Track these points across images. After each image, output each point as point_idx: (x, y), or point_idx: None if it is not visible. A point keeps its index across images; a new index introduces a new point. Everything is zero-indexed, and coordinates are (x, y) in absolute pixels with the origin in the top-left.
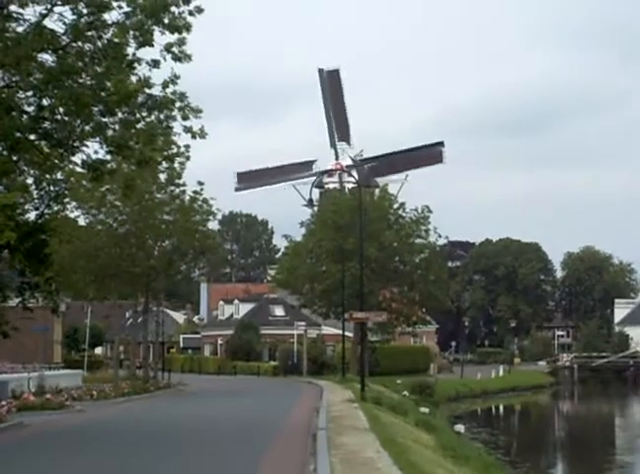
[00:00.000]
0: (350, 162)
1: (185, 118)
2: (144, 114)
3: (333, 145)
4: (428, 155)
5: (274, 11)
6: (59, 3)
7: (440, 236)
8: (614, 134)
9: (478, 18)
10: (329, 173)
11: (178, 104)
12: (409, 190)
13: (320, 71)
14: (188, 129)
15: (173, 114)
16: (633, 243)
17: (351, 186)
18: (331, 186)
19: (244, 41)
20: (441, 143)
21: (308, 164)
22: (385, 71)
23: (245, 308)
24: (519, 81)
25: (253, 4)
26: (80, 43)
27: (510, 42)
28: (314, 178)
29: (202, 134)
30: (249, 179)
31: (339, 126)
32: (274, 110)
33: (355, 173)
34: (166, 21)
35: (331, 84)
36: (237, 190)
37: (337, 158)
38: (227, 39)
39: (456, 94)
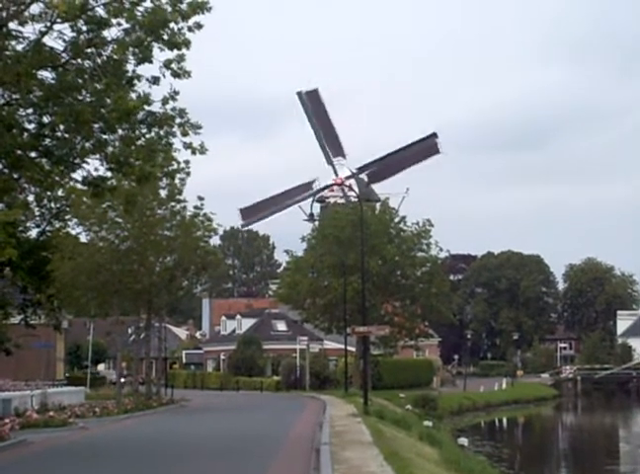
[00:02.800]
0: (349, 173)
1: (185, 134)
2: (144, 130)
3: (329, 162)
4: (424, 149)
5: (269, 27)
6: (59, 21)
7: (441, 249)
8: (615, 148)
9: (475, 34)
10: (330, 188)
11: (178, 120)
12: (410, 203)
13: (299, 94)
14: (188, 145)
15: (173, 130)
16: (635, 254)
17: (353, 195)
18: (332, 200)
19: (241, 57)
20: (435, 134)
21: (308, 184)
22: (384, 86)
23: (247, 323)
24: (519, 96)
25: (250, 21)
26: (80, 61)
27: (508, 58)
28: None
29: (203, 150)
30: (253, 213)
31: (331, 144)
32: (272, 125)
33: (355, 185)
34: (165, 37)
35: (312, 104)
36: (243, 226)
37: (336, 174)
38: (225, 55)
39: (457, 109)
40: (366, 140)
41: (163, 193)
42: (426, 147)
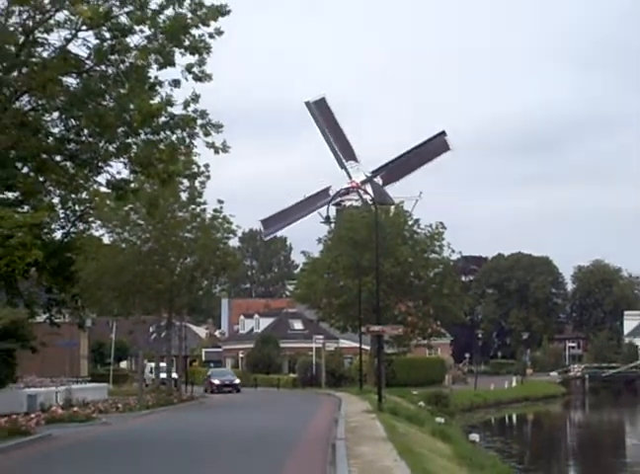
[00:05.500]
0: (363, 177)
1: (207, 134)
2: (167, 133)
3: (342, 167)
4: (434, 147)
5: (284, 35)
6: (83, 28)
7: (453, 251)
8: (621, 153)
9: (482, 44)
10: (347, 191)
11: (199, 121)
12: (423, 207)
13: (307, 103)
14: (210, 145)
15: (195, 131)
16: None
17: (369, 198)
18: (348, 203)
19: (256, 65)
20: (443, 132)
21: (325, 191)
22: (394, 92)
23: (265, 322)
24: (530, 102)
25: (268, 28)
26: (103, 67)
27: (515, 68)
28: (334, 197)
29: (225, 148)
30: (273, 223)
31: (342, 148)
32: (291, 131)
33: (369, 188)
34: (186, 43)
35: (321, 112)
36: (265, 236)
37: (350, 177)
38: (242, 64)
39: (467, 116)
40: (379, 144)
41: (184, 196)
42: (436, 146)
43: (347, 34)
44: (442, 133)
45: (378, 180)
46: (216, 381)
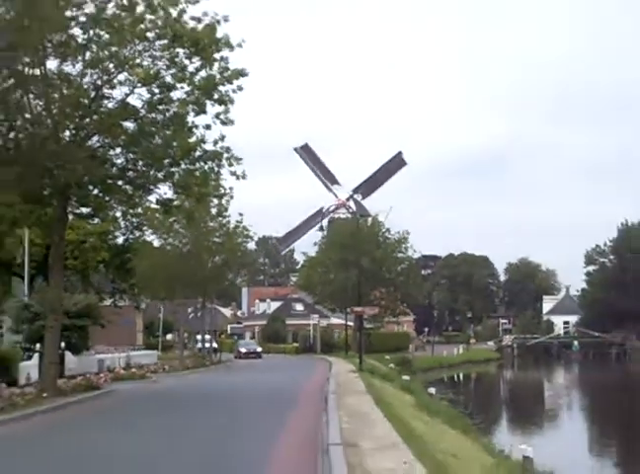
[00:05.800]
0: (347, 195)
1: (230, 165)
2: (201, 164)
3: (329, 190)
4: (394, 165)
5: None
6: (139, 85)
7: (415, 251)
8: (546, 175)
9: (443, 91)
10: (336, 208)
11: (225, 155)
12: (395, 217)
13: (295, 149)
14: (233, 173)
15: (222, 163)
16: (556, 255)
17: (353, 211)
18: (342, 216)
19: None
20: (400, 152)
21: (319, 211)
22: (370, 124)
23: (274, 305)
24: (470, 139)
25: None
26: (153, 114)
27: (461, 110)
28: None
29: (244, 176)
30: (285, 240)
31: (327, 177)
32: (292, 161)
33: (352, 204)
34: (215, 96)
35: (306, 154)
36: (280, 251)
37: (336, 196)
38: (257, 109)
39: (425, 146)
40: (353, 166)
41: (213, 210)
42: (396, 163)
43: (326, 83)
44: (400, 153)
45: (359, 195)
46: (243, 350)
